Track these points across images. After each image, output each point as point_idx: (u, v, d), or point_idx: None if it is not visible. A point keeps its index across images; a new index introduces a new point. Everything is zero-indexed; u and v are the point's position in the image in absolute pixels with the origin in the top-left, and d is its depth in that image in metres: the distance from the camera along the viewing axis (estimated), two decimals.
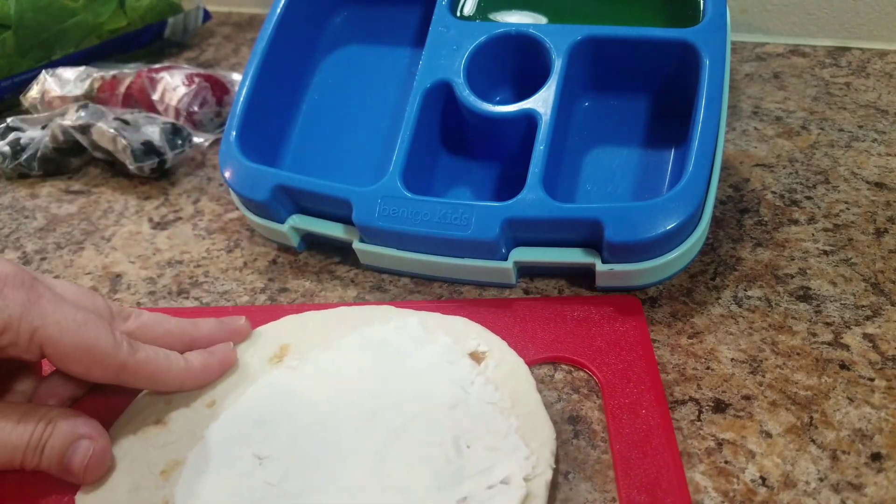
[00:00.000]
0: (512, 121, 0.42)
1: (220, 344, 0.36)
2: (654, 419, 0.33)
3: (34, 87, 0.62)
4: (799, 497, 0.30)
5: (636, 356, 0.36)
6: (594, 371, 0.36)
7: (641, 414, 0.33)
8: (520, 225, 0.39)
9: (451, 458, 0.31)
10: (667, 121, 0.44)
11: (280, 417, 0.33)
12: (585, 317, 0.39)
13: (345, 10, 0.52)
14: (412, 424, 0.32)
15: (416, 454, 0.31)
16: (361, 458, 0.31)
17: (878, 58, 0.58)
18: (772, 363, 0.36)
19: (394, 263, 0.43)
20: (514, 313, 0.40)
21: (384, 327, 0.37)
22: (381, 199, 0.40)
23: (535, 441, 0.31)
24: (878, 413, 0.33)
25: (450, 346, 0.36)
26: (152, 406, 0.35)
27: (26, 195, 0.56)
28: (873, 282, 0.39)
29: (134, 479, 0.32)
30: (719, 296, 0.40)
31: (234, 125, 0.45)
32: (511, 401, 0.33)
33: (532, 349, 0.37)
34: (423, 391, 0.34)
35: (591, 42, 0.43)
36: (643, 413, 0.33)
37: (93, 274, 0.47)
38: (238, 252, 0.48)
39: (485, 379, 0.34)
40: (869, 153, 0.48)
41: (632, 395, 0.34)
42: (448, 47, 0.45)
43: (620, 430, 0.33)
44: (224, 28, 0.82)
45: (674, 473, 0.31)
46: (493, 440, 0.31)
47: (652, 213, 0.37)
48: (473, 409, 0.33)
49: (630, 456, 0.32)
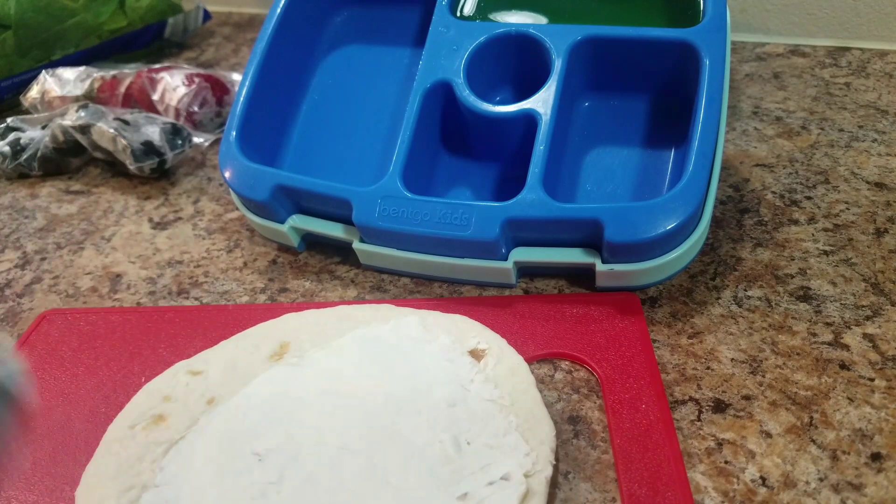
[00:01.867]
0: (512, 121, 0.42)
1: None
2: (653, 414, 0.33)
3: (34, 87, 0.62)
4: (799, 497, 0.30)
5: (635, 352, 0.36)
6: (594, 367, 0.36)
7: (641, 409, 0.34)
8: (520, 225, 0.39)
9: (451, 455, 0.31)
10: (667, 121, 0.44)
11: (279, 415, 0.33)
12: (585, 314, 0.39)
13: (345, 10, 0.52)
14: (411, 423, 0.32)
15: (415, 452, 0.31)
16: (360, 457, 0.31)
17: (878, 58, 0.58)
18: (772, 363, 0.36)
19: (394, 263, 0.43)
20: (513, 311, 0.40)
21: (383, 326, 0.37)
22: (381, 200, 0.40)
23: (535, 438, 0.32)
24: (878, 413, 0.33)
25: (449, 345, 0.36)
26: (151, 403, 0.35)
27: (26, 195, 0.56)
28: (873, 282, 0.39)
29: (133, 476, 0.32)
30: (719, 296, 0.40)
31: (234, 125, 0.45)
32: (511, 398, 0.33)
33: (532, 346, 0.38)
34: (422, 389, 0.34)
35: (591, 42, 0.43)
36: (643, 408, 0.34)
37: (93, 274, 0.47)
38: (238, 252, 0.48)
39: (484, 377, 0.34)
40: (869, 153, 0.48)
41: (631, 390, 0.35)
42: (448, 47, 0.45)
43: (620, 426, 0.33)
44: (224, 28, 0.82)
45: (674, 467, 0.31)
46: (493, 437, 0.31)
47: (652, 213, 0.37)
48: (473, 407, 0.33)
49: (630, 451, 0.32)
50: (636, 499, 0.30)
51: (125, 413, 0.35)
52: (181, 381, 0.36)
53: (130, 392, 0.37)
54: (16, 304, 0.45)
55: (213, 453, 0.32)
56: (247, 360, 0.37)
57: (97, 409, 0.37)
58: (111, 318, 0.42)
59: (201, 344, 0.39)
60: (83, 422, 0.36)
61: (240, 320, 0.41)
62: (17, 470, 0.34)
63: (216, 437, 0.33)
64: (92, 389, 0.38)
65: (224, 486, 0.31)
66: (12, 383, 0.28)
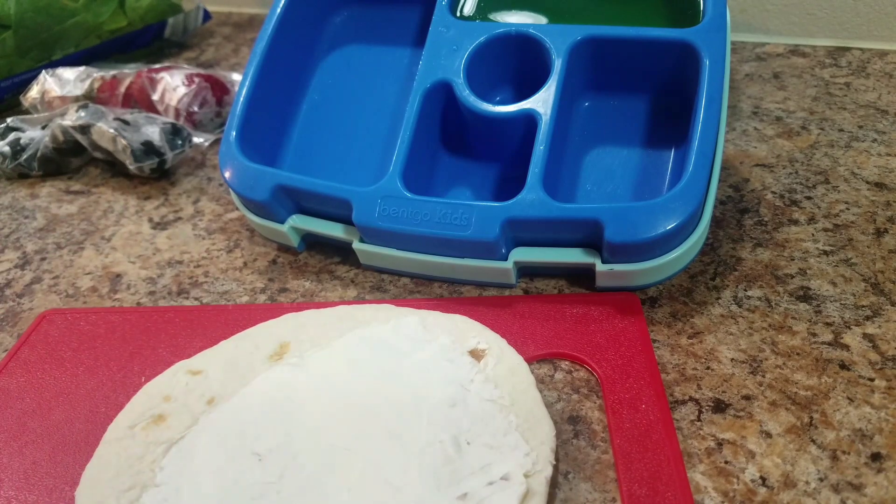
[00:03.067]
0: (512, 121, 0.42)
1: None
2: (653, 414, 0.33)
3: (34, 87, 0.62)
4: (799, 497, 0.30)
5: (635, 352, 0.36)
6: (594, 367, 0.36)
7: (641, 409, 0.34)
8: (520, 225, 0.39)
9: (451, 455, 0.31)
10: (667, 121, 0.44)
11: (279, 415, 0.33)
12: (585, 314, 0.39)
13: (345, 10, 0.52)
14: (411, 423, 0.32)
15: (414, 452, 0.31)
16: (359, 457, 0.31)
17: (878, 58, 0.58)
18: (772, 363, 0.36)
19: (394, 263, 0.43)
20: (513, 311, 0.40)
21: (383, 326, 0.37)
22: (381, 200, 0.40)
23: (535, 438, 0.32)
24: (878, 413, 0.33)
25: (449, 345, 0.36)
26: (151, 403, 0.35)
27: (26, 195, 0.56)
28: (873, 282, 0.39)
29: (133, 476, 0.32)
30: (719, 296, 0.40)
31: (234, 125, 0.45)
32: (511, 398, 0.33)
33: (532, 346, 0.38)
34: (421, 390, 0.34)
35: (591, 42, 0.43)
36: (643, 408, 0.34)
37: (93, 274, 0.47)
38: (238, 252, 0.48)
39: (484, 377, 0.34)
40: (869, 153, 0.48)
41: (632, 390, 0.35)
42: (448, 47, 0.45)
43: (620, 426, 0.33)
44: (224, 28, 0.82)
45: (674, 467, 0.31)
46: (493, 438, 0.31)
47: (652, 213, 0.37)
48: (473, 407, 0.33)
49: (630, 451, 0.32)
50: (636, 499, 0.30)
51: (125, 413, 0.35)
52: (181, 381, 0.36)
53: (130, 392, 0.37)
54: (16, 303, 0.45)
55: (213, 453, 0.32)
56: (247, 360, 0.36)
57: (97, 409, 0.37)
58: (111, 318, 0.42)
59: (201, 344, 0.39)
60: (83, 422, 0.36)
61: (240, 320, 0.41)
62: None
63: (216, 437, 0.33)
64: (92, 389, 0.38)
65: (224, 485, 0.31)
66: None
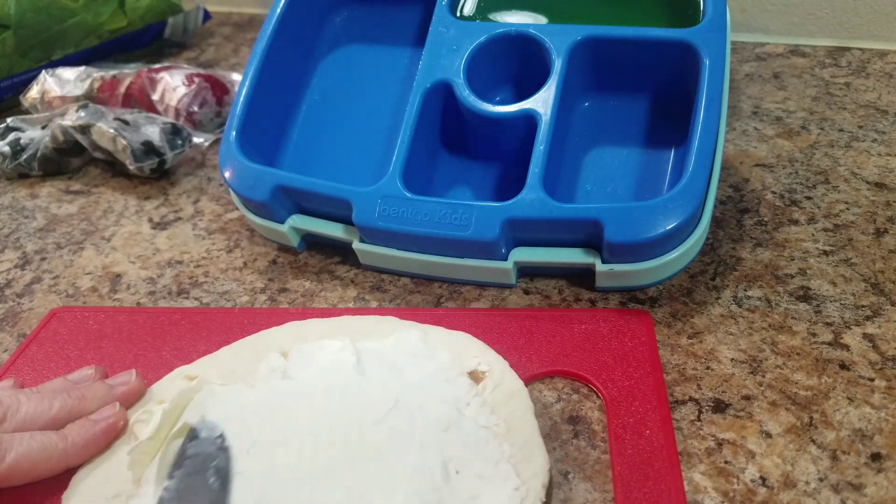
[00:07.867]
0: (512, 121, 0.42)
1: (106, 407, 0.34)
2: (658, 440, 0.32)
3: (34, 87, 0.62)
4: (799, 497, 0.30)
5: (643, 373, 0.35)
6: (599, 388, 0.35)
7: (645, 435, 0.32)
8: (520, 225, 0.39)
9: (438, 483, 0.29)
10: (667, 121, 0.44)
11: (265, 435, 0.32)
12: (593, 330, 0.38)
13: (345, 10, 0.52)
14: (402, 443, 0.31)
15: (402, 477, 0.30)
16: (346, 479, 0.30)
17: (878, 58, 0.58)
18: (772, 363, 0.36)
19: (394, 263, 0.43)
20: (519, 324, 0.39)
21: (385, 340, 0.36)
22: (381, 200, 0.40)
23: (528, 471, 0.30)
24: (878, 413, 0.33)
25: (448, 363, 0.34)
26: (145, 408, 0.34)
27: (26, 195, 0.56)
28: (873, 282, 0.39)
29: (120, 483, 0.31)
30: (719, 296, 0.40)
31: (234, 125, 0.45)
32: (507, 425, 0.32)
33: (536, 362, 0.36)
34: (416, 409, 0.32)
35: (591, 42, 0.43)
36: (647, 434, 0.32)
37: (93, 274, 0.47)
38: (238, 252, 0.48)
39: (481, 401, 0.33)
40: (869, 153, 0.48)
41: (637, 414, 0.33)
42: (448, 47, 0.45)
43: (623, 451, 0.32)
44: (224, 28, 0.82)
45: (675, 497, 0.30)
46: (484, 467, 0.30)
47: (652, 213, 0.37)
48: (466, 433, 0.31)
49: (631, 479, 0.31)
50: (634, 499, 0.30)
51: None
52: (177, 387, 0.35)
53: None
54: (16, 304, 0.45)
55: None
56: (244, 370, 0.36)
57: None
58: (119, 318, 0.42)
59: (204, 348, 0.39)
60: None
61: (245, 324, 0.40)
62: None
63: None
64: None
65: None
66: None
